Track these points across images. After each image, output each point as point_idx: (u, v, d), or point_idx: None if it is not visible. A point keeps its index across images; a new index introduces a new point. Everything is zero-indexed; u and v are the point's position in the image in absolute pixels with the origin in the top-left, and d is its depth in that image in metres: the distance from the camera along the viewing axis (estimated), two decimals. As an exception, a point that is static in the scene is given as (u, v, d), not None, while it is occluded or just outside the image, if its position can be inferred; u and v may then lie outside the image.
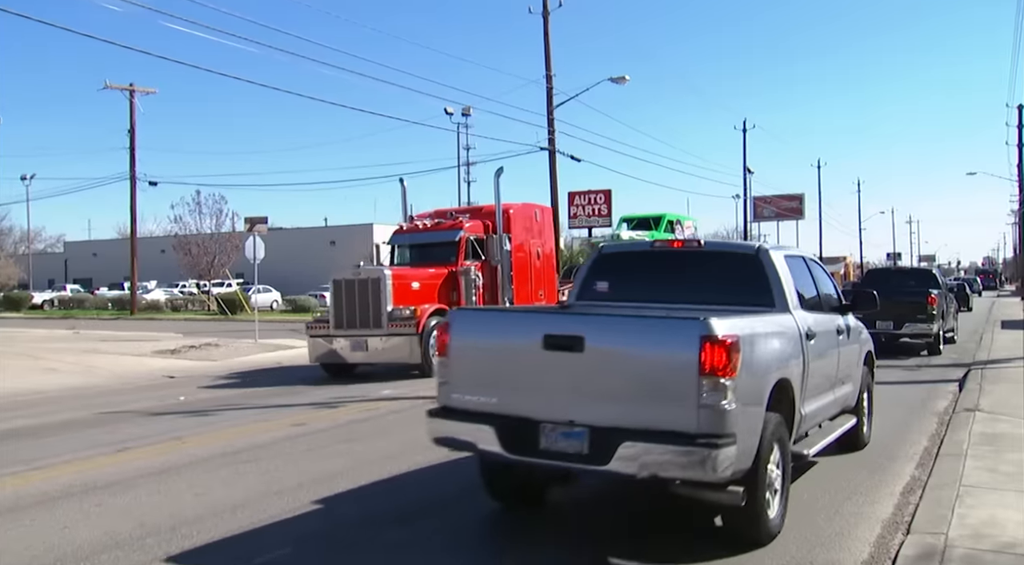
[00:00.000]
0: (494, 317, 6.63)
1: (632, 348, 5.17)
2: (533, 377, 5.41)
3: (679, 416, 4.88)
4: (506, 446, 5.31)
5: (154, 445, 9.18)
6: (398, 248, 17.81)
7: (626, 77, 34.41)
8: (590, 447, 5.07)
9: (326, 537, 5.67)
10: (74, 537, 5.76)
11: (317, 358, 15.71)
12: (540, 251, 19.03)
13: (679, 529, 5.90)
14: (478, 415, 5.52)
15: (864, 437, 8.39)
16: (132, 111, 43.03)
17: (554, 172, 33.93)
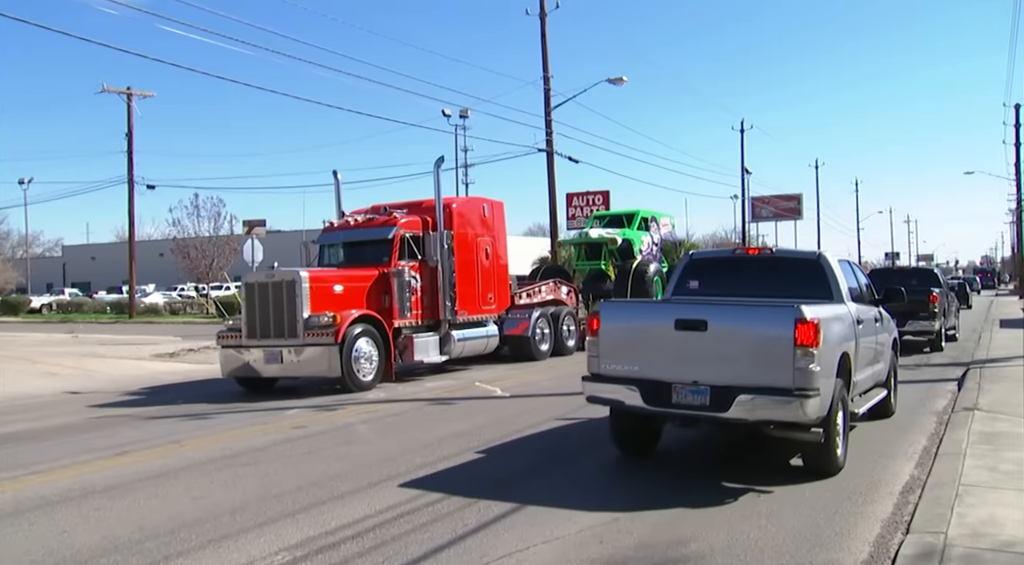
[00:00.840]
0: (635, 306, 10.09)
1: (744, 327, 7.07)
2: (666, 350, 7.22)
3: (779, 376, 6.66)
4: (647, 401, 7.15)
5: (152, 448, 9.17)
6: (328, 248, 16.30)
7: (624, 78, 34.40)
8: (711, 400, 6.88)
9: (326, 540, 5.66)
10: (73, 541, 5.76)
11: (230, 372, 13.99)
12: (490, 250, 17.42)
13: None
14: (624, 379, 7.31)
15: (892, 406, 10.06)
16: (130, 115, 43.04)
17: (552, 173, 33.93)
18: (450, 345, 15.81)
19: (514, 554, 5.27)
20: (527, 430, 9.57)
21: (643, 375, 7.23)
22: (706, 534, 5.61)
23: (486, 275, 17.27)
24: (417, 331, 15.27)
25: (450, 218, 16.15)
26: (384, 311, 14.51)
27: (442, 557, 5.27)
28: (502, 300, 17.93)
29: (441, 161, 16.02)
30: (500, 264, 17.95)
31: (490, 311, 17.36)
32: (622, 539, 5.54)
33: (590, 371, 7.61)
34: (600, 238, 25.23)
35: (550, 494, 6.72)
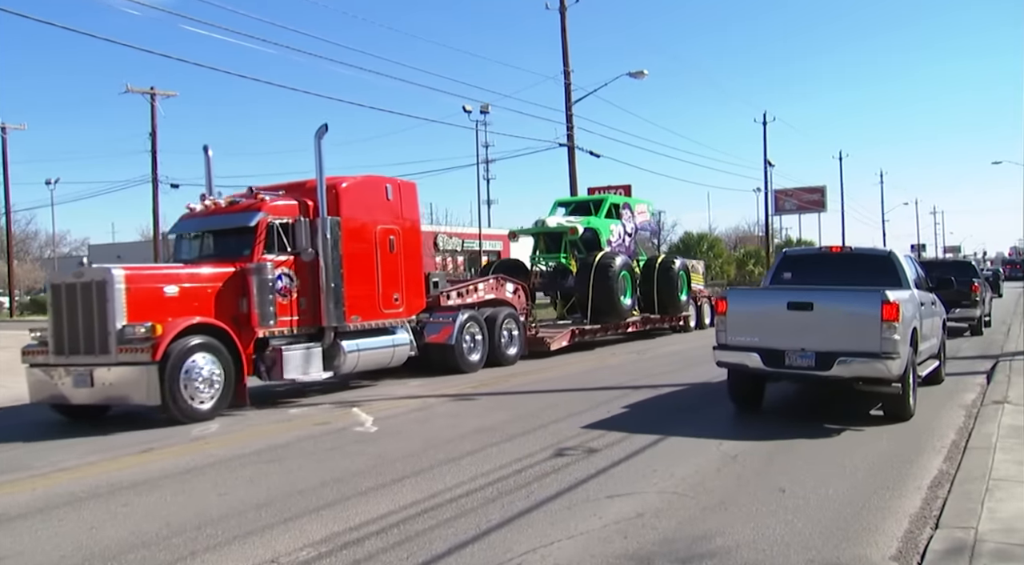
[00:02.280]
0: (755, 293, 12.47)
1: (842, 307, 9.29)
2: (780, 325, 9.44)
3: (869, 343, 8.86)
4: (766, 364, 9.42)
5: (178, 445, 9.25)
6: (184, 240, 13.27)
7: (644, 72, 34.26)
8: (816, 362, 9.13)
9: (350, 536, 5.68)
10: (102, 537, 5.82)
11: (39, 397, 11.13)
12: (395, 240, 14.19)
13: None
14: (746, 348, 9.57)
15: (942, 374, 12.10)
16: (153, 114, 43.39)
17: (573, 168, 33.87)
18: (339, 358, 12.89)
19: (538, 549, 5.26)
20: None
21: (762, 344, 9.50)
22: (731, 529, 5.58)
23: (390, 271, 14.09)
24: (294, 341, 12.42)
25: (337, 202, 13.16)
26: (242, 318, 11.68)
27: (466, 552, 5.27)
28: (414, 301, 14.78)
29: (323, 130, 13.01)
30: (412, 258, 14.79)
31: (396, 315, 14.23)
32: (646, 534, 5.51)
33: (718, 342, 9.92)
34: (559, 227, 21.54)
35: (573, 489, 6.70)
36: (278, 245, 12.29)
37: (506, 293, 17.97)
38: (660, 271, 22.55)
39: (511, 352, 16.88)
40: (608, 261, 19.92)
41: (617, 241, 22.20)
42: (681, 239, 65.36)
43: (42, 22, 38.65)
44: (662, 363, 16.57)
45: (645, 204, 24.84)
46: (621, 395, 11.83)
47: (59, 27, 34.23)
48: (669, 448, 8.26)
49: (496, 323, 16.55)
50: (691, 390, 12.31)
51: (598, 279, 19.56)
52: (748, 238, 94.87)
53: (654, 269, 22.56)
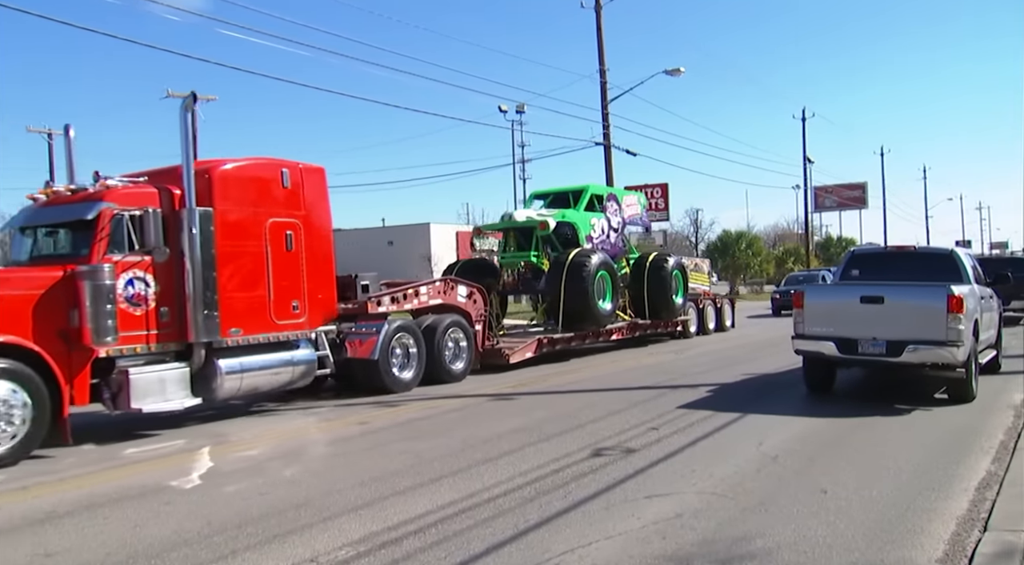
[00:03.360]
0: (829, 288, 13.10)
1: (911, 301, 10.30)
2: (853, 317, 10.49)
3: (936, 333, 9.85)
4: (840, 351, 10.52)
5: (220, 444, 9.37)
6: (17, 236, 10.96)
7: (681, 69, 34.05)
8: (887, 350, 10.18)
9: (388, 536, 5.70)
10: (145, 535, 5.91)
11: None
12: (295, 236, 11.63)
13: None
14: (822, 337, 10.68)
15: (999, 362, 12.99)
16: (194, 118, 43.94)
17: (610, 167, 33.74)
18: (215, 381, 10.59)
19: (576, 550, 5.23)
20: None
21: (836, 334, 10.58)
22: (772, 531, 5.50)
23: (287, 273, 11.54)
24: (153, 362, 10.17)
25: (210, 189, 10.75)
26: (73, 334, 9.33)
27: (504, 553, 5.27)
28: (322, 308, 12.27)
29: (192, 100, 11.22)
30: (319, 257, 12.17)
31: (295, 326, 11.67)
32: (685, 535, 5.46)
33: (796, 332, 11.06)
34: (528, 221, 18.54)
35: (611, 489, 6.67)
36: (129, 243, 9.99)
37: (458, 297, 15.31)
38: (651, 271, 20.53)
39: (457, 367, 14.55)
40: (582, 259, 17.28)
41: (599, 237, 19.69)
42: (719, 237, 64.82)
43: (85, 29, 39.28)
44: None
45: (635, 196, 22.60)
46: (658, 394, 11.75)
47: (101, 34, 34.81)
48: (708, 448, 8.19)
49: (437, 333, 14.12)
50: (727, 389, 12.19)
51: (571, 280, 17.04)
52: (787, 236, 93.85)
53: (644, 269, 20.56)
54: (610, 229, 20.24)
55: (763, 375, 13.83)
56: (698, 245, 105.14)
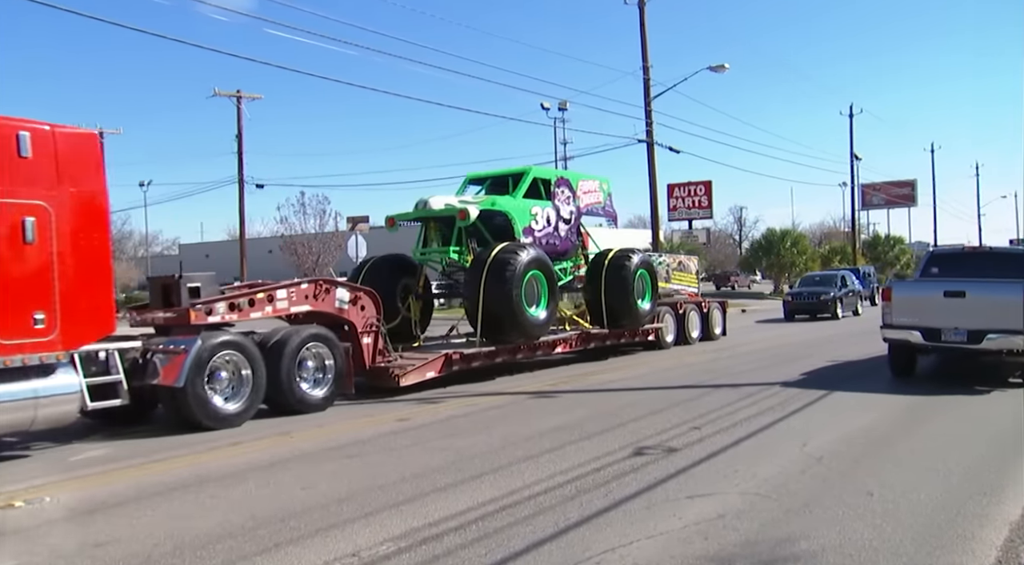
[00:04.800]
0: (914, 283, 14.16)
1: (991, 295, 11.68)
2: (937, 308, 11.93)
3: (1014, 323, 11.14)
4: (925, 339, 12.00)
5: (263, 439, 9.49)
6: None
7: (725, 65, 33.77)
8: (968, 338, 11.59)
9: (429, 532, 5.72)
10: (192, 526, 6.00)
11: None
12: (37, 223, 8.47)
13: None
14: (908, 326, 12.18)
15: None
16: (239, 117, 44.61)
17: (652, 164, 33.55)
18: None
19: (617, 549, 5.20)
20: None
21: (922, 324, 12.06)
22: (816, 533, 5.42)
23: (20, 274, 8.40)
24: None
25: None
26: None
27: (544, 550, 5.26)
28: (87, 320, 8.92)
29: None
30: (84, 251, 8.94)
31: (41, 347, 8.46)
32: (727, 536, 5.40)
33: (884, 322, 12.57)
34: (447, 210, 14.95)
35: (652, 488, 6.62)
36: None
37: (336, 303, 12.31)
38: (609, 271, 17.13)
39: (316, 394, 11.39)
40: (507, 256, 14.09)
41: (543, 229, 16.20)
42: (763, 235, 63.99)
43: (135, 30, 40.14)
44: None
45: (596, 181, 18.37)
46: (703, 392, 11.65)
47: (151, 34, 35.44)
48: (750, 448, 8.10)
49: (287, 350, 10.97)
50: (771, 389, 12.03)
51: (493, 281, 13.86)
52: (833, 234, 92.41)
53: (601, 268, 17.20)
54: (558, 220, 16.67)
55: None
56: (742, 243, 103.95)
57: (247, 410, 10.45)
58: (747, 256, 69.16)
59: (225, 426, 10.06)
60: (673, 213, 51.87)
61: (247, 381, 10.52)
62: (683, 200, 51.21)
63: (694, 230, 53.65)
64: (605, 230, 23.51)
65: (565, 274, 17.13)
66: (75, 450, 9.13)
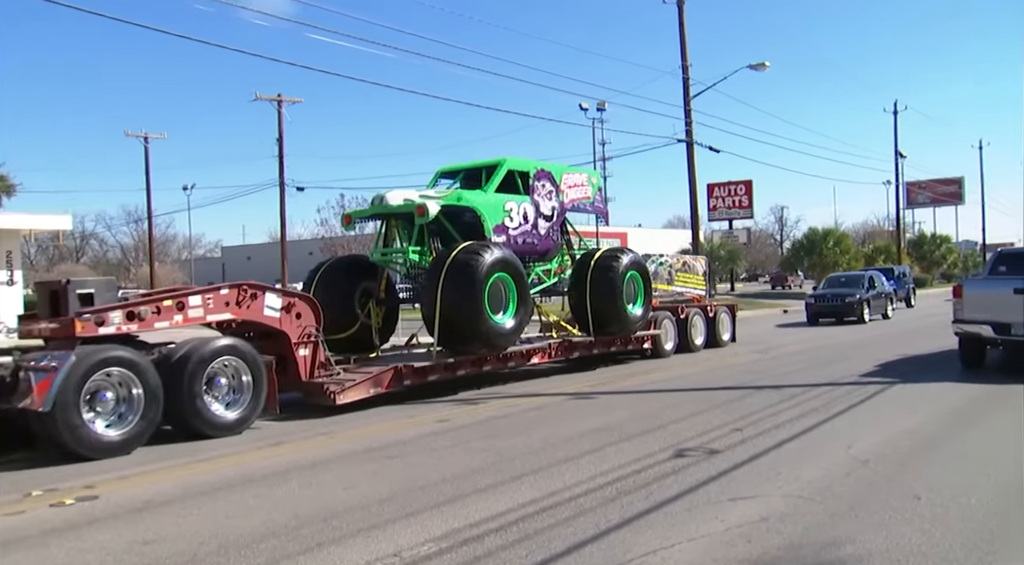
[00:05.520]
0: (985, 281, 14.44)
1: None
2: (1007, 305, 12.72)
3: None
4: (996, 333, 12.91)
5: (306, 440, 9.58)
6: None
7: (766, 64, 33.46)
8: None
9: (470, 533, 5.73)
10: (236, 525, 6.08)
11: None
12: None
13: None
14: (980, 321, 13.11)
15: None
16: (280, 120, 45.18)
17: (692, 164, 33.34)
18: None
19: (658, 551, 5.17)
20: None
21: (992, 319, 12.94)
22: (862, 537, 5.33)
23: None
24: None
25: None
26: None
27: (585, 552, 5.24)
28: None
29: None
30: None
31: None
32: (771, 539, 5.34)
33: (955, 318, 13.53)
34: (405, 205, 13.51)
35: (694, 490, 6.57)
36: None
37: (264, 310, 10.93)
38: (595, 272, 15.48)
39: (229, 416, 10.00)
40: (469, 257, 12.62)
41: (519, 227, 14.77)
42: (805, 235, 63.22)
43: (181, 36, 40.83)
44: None
45: (583, 175, 17.02)
46: (745, 394, 11.53)
47: (195, 40, 36.01)
48: (795, 450, 7.99)
49: (190, 366, 9.58)
50: (816, 390, 11.87)
51: (452, 284, 12.38)
52: (877, 233, 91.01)
53: (587, 269, 15.52)
54: (538, 216, 15.21)
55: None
56: (783, 243, 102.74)
57: (133, 438, 9.04)
58: (788, 256, 68.39)
59: (106, 455, 8.73)
60: (713, 213, 51.51)
61: (137, 402, 9.13)
62: (723, 200, 50.85)
63: (734, 230, 53.20)
64: (642, 231, 23.32)
65: (549, 276, 15.92)
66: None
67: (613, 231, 75.07)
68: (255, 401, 10.26)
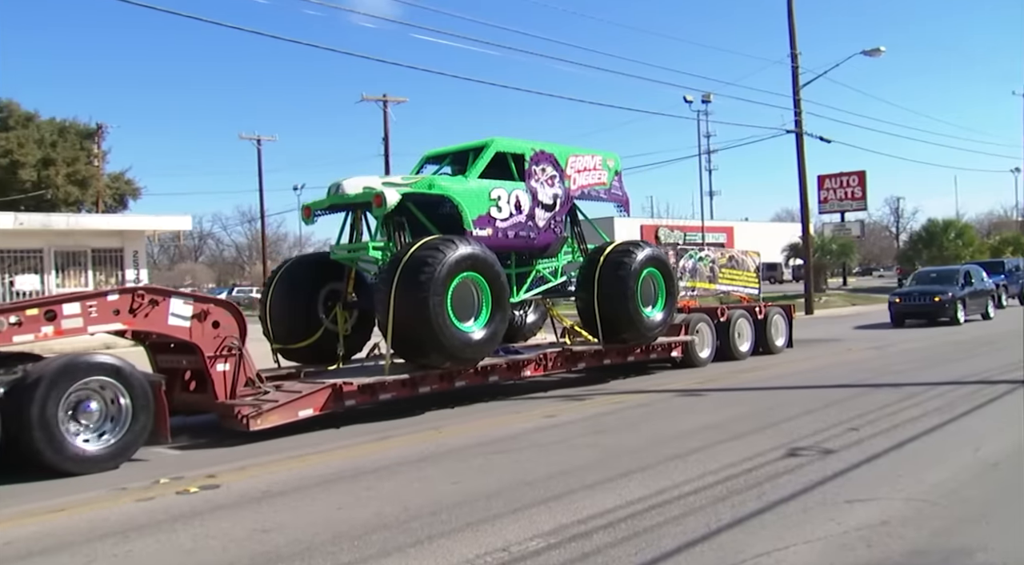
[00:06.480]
0: None
1: None
2: None
3: None
4: None
5: (414, 434, 9.75)
6: None
7: (881, 49, 32.24)
8: None
9: (578, 529, 5.71)
10: (348, 517, 6.24)
11: None
12: None
13: None
14: None
15: None
16: (386, 120, 46.15)
17: (802, 155, 32.38)
18: None
19: (772, 553, 5.02)
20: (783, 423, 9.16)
21: None
22: (994, 544, 5.04)
23: None
24: None
25: None
26: None
27: (695, 551, 5.14)
28: None
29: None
30: None
31: None
32: (893, 544, 5.11)
33: None
34: (364, 194, 11.57)
35: (808, 491, 6.36)
36: None
37: (168, 319, 9.37)
38: (604, 270, 13.29)
39: (91, 450, 8.20)
40: (426, 254, 10.61)
41: (511, 217, 12.59)
42: (923, 227, 60.47)
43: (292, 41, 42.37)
44: None
45: (597, 156, 14.46)
46: (858, 393, 11.11)
47: (305, 44, 37.18)
48: (917, 452, 7.65)
49: (37, 393, 7.82)
50: (936, 390, 11.34)
51: (404, 287, 10.47)
52: (1004, 224, 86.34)
53: (596, 267, 13.41)
54: (535, 205, 12.99)
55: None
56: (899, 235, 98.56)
57: None
58: (905, 249, 65.56)
59: None
60: (824, 205, 49.95)
61: None
62: (834, 192, 49.26)
63: (846, 223, 51.40)
64: (749, 225, 22.49)
65: (556, 275, 13.99)
66: (243, 441, 9.62)
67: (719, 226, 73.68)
68: (134, 429, 8.44)
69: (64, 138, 48.72)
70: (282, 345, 12.02)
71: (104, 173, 50.95)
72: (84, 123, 51.01)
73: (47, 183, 45.80)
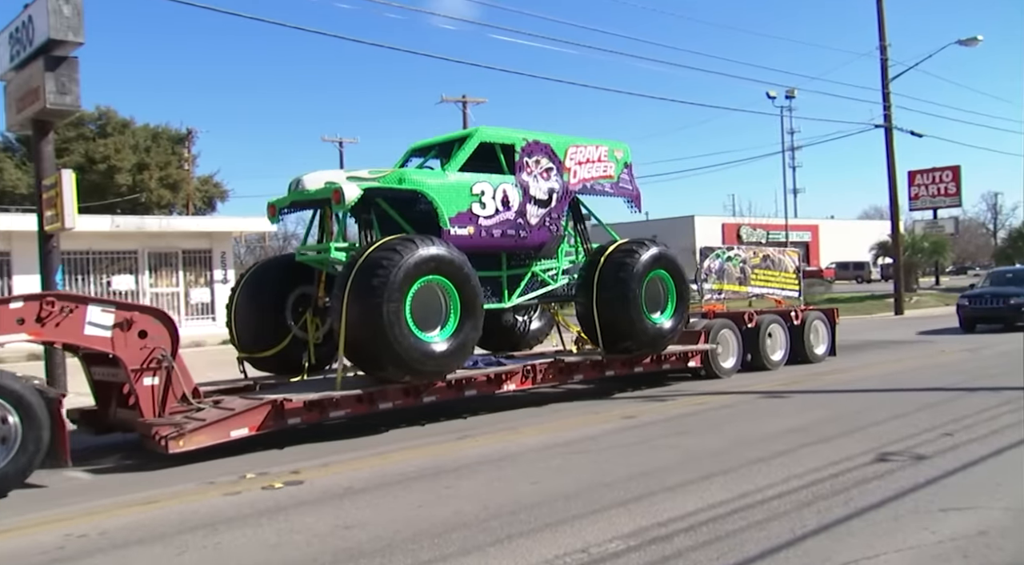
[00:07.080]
0: None
1: None
2: None
3: None
4: None
5: (493, 434, 9.78)
6: None
7: (978, 37, 30.95)
8: None
9: (658, 532, 5.64)
10: (428, 515, 6.29)
11: None
12: None
13: None
14: None
15: None
16: (465, 121, 46.44)
17: (891, 150, 31.40)
18: None
19: (861, 561, 4.86)
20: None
21: None
22: (1102, 558, 4.78)
23: None
24: None
25: None
26: None
27: (780, 557, 5.01)
28: None
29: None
30: None
31: None
32: (992, 556, 4.89)
33: None
34: (324, 190, 10.57)
35: (899, 498, 6.14)
36: None
37: (82, 330, 8.51)
38: (604, 272, 12.14)
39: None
40: (381, 256, 9.57)
41: (496, 214, 11.36)
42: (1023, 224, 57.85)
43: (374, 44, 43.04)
44: None
45: (603, 147, 13.11)
46: (953, 396, 10.68)
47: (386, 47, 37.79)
48: (1017, 459, 7.31)
49: None
50: None
51: (357, 293, 9.47)
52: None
53: (595, 269, 12.25)
54: (526, 201, 11.75)
55: None
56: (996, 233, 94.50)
57: None
58: (1003, 247, 62.81)
59: None
60: (915, 202, 48.28)
61: None
62: (926, 188, 47.56)
63: (939, 220, 49.55)
64: (835, 223, 21.41)
65: (555, 278, 12.67)
66: (324, 437, 9.83)
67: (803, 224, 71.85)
68: (24, 451, 7.46)
69: (157, 143, 50.59)
70: (248, 353, 11.24)
71: (194, 176, 52.68)
72: (175, 128, 52.90)
73: (141, 187, 47.61)
